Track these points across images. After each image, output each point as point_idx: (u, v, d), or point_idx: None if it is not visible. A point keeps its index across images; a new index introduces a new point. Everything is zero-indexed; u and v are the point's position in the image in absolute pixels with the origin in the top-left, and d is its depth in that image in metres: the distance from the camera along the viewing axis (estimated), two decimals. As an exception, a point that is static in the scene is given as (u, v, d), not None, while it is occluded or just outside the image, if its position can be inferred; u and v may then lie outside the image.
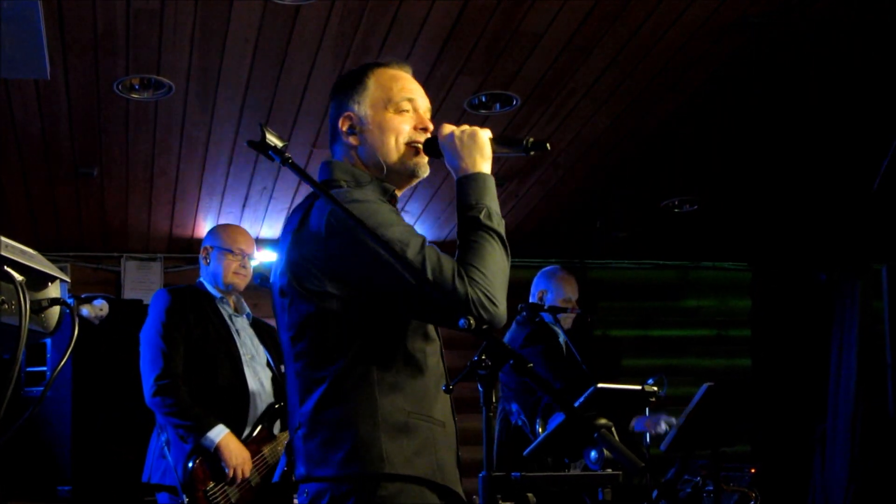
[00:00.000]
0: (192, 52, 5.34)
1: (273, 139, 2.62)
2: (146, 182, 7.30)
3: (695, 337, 10.12)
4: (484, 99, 6.04)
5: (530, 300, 6.43)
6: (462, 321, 2.40)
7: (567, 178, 7.53)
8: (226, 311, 5.34)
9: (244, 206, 7.94)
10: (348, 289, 2.72)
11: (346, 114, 2.97)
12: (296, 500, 2.81)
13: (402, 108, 2.96)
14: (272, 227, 8.52)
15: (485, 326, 2.54)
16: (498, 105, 6.11)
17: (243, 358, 5.22)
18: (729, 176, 7.60)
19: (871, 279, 8.77)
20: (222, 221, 8.23)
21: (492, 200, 2.78)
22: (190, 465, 4.90)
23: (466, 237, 2.73)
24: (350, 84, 3.01)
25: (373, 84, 2.98)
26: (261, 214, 8.18)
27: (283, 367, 5.30)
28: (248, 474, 5.00)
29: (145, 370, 5.07)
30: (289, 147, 2.69)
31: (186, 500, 4.82)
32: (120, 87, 5.68)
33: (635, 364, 9.76)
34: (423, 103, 3.01)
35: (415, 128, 2.95)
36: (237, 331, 5.31)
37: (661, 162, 7.28)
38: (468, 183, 2.80)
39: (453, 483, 2.75)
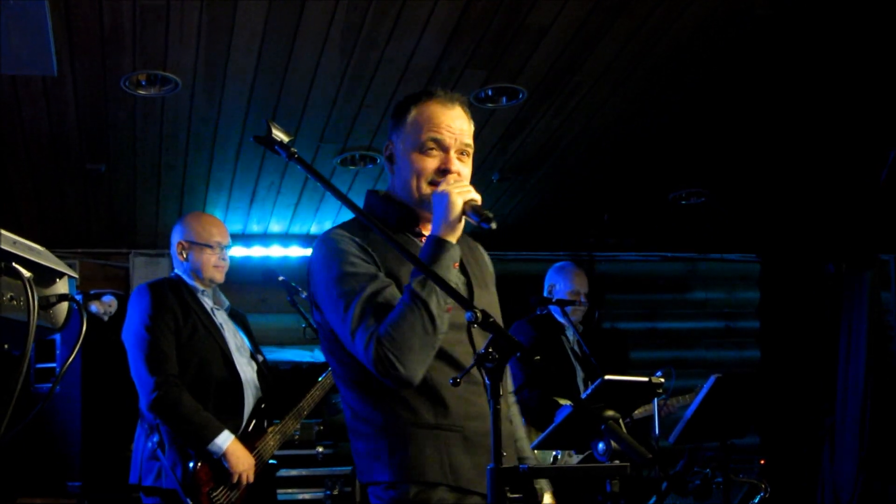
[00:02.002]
0: (198, 47, 5.34)
1: (279, 134, 2.63)
2: (154, 178, 7.31)
3: (703, 329, 10.12)
4: (490, 92, 6.03)
5: (543, 295, 6.50)
6: (469, 314, 2.48)
7: (574, 171, 7.53)
8: (207, 303, 5.29)
9: (252, 201, 7.95)
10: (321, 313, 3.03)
11: (388, 142, 3.18)
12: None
13: (427, 147, 3.06)
14: (280, 223, 8.53)
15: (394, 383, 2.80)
16: (504, 98, 6.10)
17: (232, 350, 5.20)
18: (737, 168, 7.59)
19: (879, 270, 8.77)
20: (231, 216, 8.25)
21: (439, 266, 2.86)
22: (191, 466, 4.88)
23: (401, 299, 2.88)
24: (398, 113, 3.18)
25: (411, 120, 3.12)
26: (268, 210, 8.18)
27: (259, 357, 5.34)
28: (252, 479, 4.99)
29: (140, 372, 4.96)
30: (295, 142, 2.69)
31: (190, 502, 4.79)
32: (127, 83, 5.69)
33: (644, 357, 9.77)
34: (454, 139, 3.07)
35: (438, 169, 3.05)
36: (220, 323, 5.27)
37: (669, 154, 7.27)
38: (426, 246, 2.93)
39: (472, 484, 2.90)
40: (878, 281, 8.78)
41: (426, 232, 3.08)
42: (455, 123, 3.07)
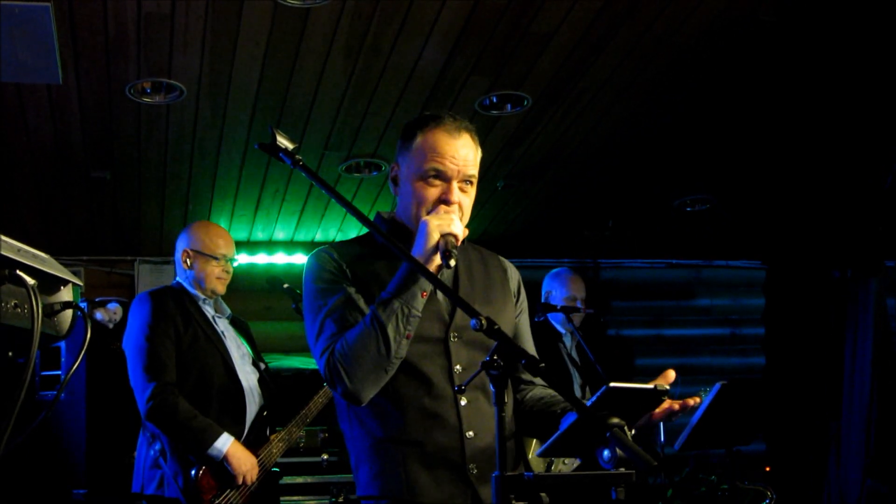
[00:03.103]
0: (202, 55, 5.34)
1: (283, 141, 2.63)
2: (159, 185, 7.32)
3: (708, 336, 10.10)
4: (495, 99, 6.03)
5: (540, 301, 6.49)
6: (473, 322, 2.50)
7: (578, 177, 7.53)
8: (209, 312, 5.29)
9: (257, 208, 7.95)
10: None
11: (395, 164, 3.17)
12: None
13: (429, 176, 3.05)
14: (284, 230, 8.53)
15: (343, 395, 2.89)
16: (509, 105, 6.11)
17: (233, 358, 5.19)
18: (742, 174, 7.58)
19: (884, 276, 8.76)
20: (236, 224, 8.25)
21: (403, 289, 2.89)
22: (193, 473, 4.87)
23: (364, 316, 2.94)
24: (404, 137, 3.15)
25: (416, 147, 3.08)
26: (273, 217, 8.18)
27: (261, 365, 5.33)
28: (255, 479, 4.98)
29: (138, 381, 4.96)
30: (300, 150, 2.70)
31: None
32: (131, 90, 5.69)
33: (649, 363, 9.75)
34: (456, 170, 3.05)
35: (438, 199, 3.04)
36: (222, 331, 5.26)
37: (674, 160, 7.27)
38: (401, 270, 2.95)
39: (433, 499, 2.93)
40: (884, 287, 8.77)
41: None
42: (460, 153, 3.04)
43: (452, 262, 2.79)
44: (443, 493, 2.92)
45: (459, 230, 2.91)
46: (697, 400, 2.96)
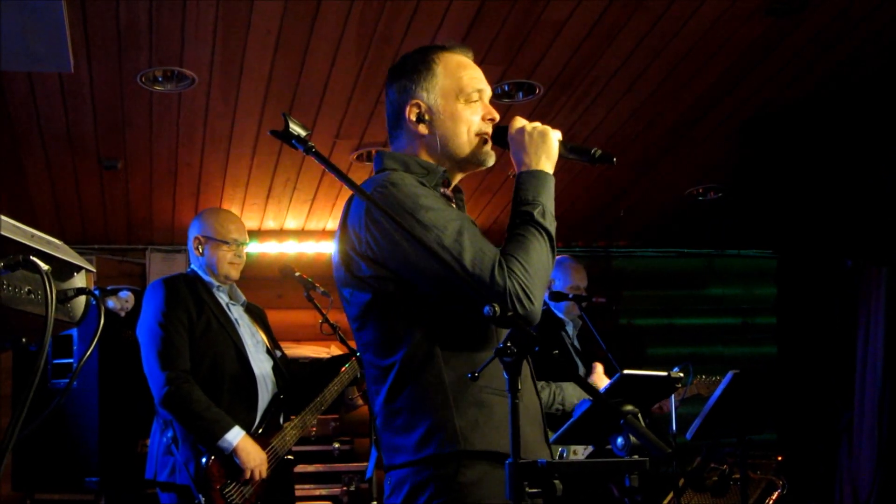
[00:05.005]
0: (214, 43, 5.34)
1: (296, 128, 2.62)
2: (170, 174, 7.32)
3: (720, 325, 10.09)
4: (507, 88, 6.03)
5: None
6: (487, 309, 2.34)
7: (590, 166, 7.49)
8: (223, 299, 5.29)
9: (268, 197, 7.95)
10: (391, 274, 2.71)
11: (415, 101, 2.94)
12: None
13: (472, 98, 2.94)
14: (296, 219, 8.53)
15: (518, 319, 2.43)
16: (521, 94, 6.10)
17: (246, 346, 5.19)
18: (754, 163, 7.56)
19: (897, 265, 8.72)
20: (247, 213, 8.25)
21: (548, 199, 2.78)
22: (203, 461, 4.87)
23: (516, 230, 2.72)
24: (416, 69, 2.96)
25: (441, 71, 2.95)
26: (285, 205, 8.18)
27: (277, 352, 5.31)
28: (264, 475, 4.98)
29: (152, 367, 4.97)
30: (311, 137, 2.68)
31: (203, 499, 4.79)
32: (143, 79, 5.70)
33: (660, 353, 9.74)
34: (488, 91, 2.99)
35: (483, 118, 2.95)
36: (236, 319, 5.26)
37: (685, 149, 7.25)
38: (529, 179, 2.81)
39: (538, 457, 2.59)
40: (896, 276, 8.74)
41: (453, 181, 2.99)
42: (482, 74, 2.99)
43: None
44: (544, 452, 2.77)
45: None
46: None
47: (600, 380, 3.49)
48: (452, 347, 2.67)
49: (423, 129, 2.93)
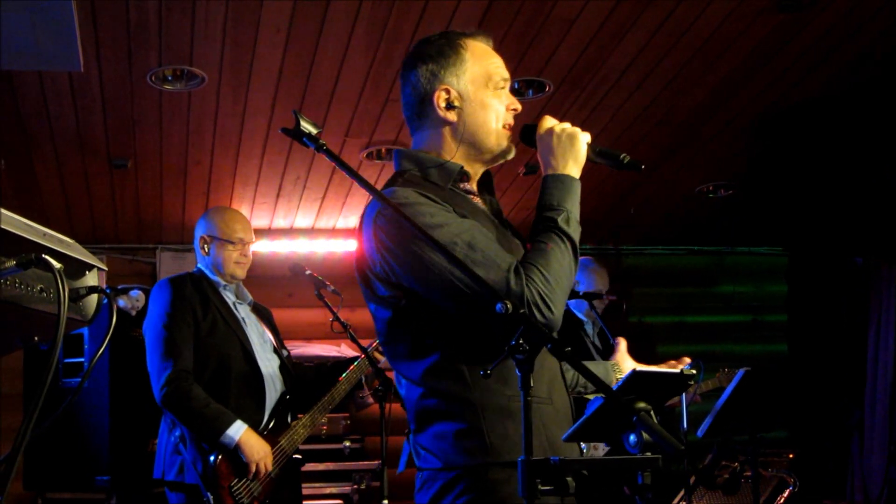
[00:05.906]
0: (224, 42, 5.34)
1: (307, 126, 2.61)
2: (180, 173, 7.33)
3: (730, 323, 10.07)
4: (516, 85, 6.01)
5: None
6: (499, 305, 2.31)
7: (600, 163, 7.49)
8: (229, 298, 5.29)
9: (278, 195, 7.95)
10: (409, 292, 2.68)
11: (444, 87, 2.89)
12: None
13: (499, 86, 2.93)
14: (306, 217, 8.53)
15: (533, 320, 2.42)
16: (531, 91, 6.09)
17: (253, 345, 5.19)
18: (764, 160, 7.54)
19: (908, 263, 8.70)
20: (257, 211, 8.25)
21: (574, 205, 2.78)
22: (211, 459, 4.87)
23: (539, 237, 2.70)
24: (444, 54, 2.91)
25: (470, 58, 2.91)
26: (295, 204, 8.18)
27: (284, 352, 5.30)
28: (269, 468, 4.97)
29: (154, 366, 4.98)
30: (322, 135, 2.67)
31: (211, 497, 4.79)
32: (153, 78, 5.70)
33: (671, 350, 9.68)
34: (509, 80, 2.94)
35: (507, 108, 2.94)
36: (242, 318, 5.26)
37: (696, 146, 7.24)
38: (555, 182, 2.81)
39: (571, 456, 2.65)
40: (907, 273, 8.72)
41: (473, 174, 2.94)
42: (503, 62, 2.94)
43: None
44: (575, 454, 2.77)
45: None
46: None
47: (623, 357, 3.49)
48: (479, 357, 2.64)
49: (451, 115, 2.88)
